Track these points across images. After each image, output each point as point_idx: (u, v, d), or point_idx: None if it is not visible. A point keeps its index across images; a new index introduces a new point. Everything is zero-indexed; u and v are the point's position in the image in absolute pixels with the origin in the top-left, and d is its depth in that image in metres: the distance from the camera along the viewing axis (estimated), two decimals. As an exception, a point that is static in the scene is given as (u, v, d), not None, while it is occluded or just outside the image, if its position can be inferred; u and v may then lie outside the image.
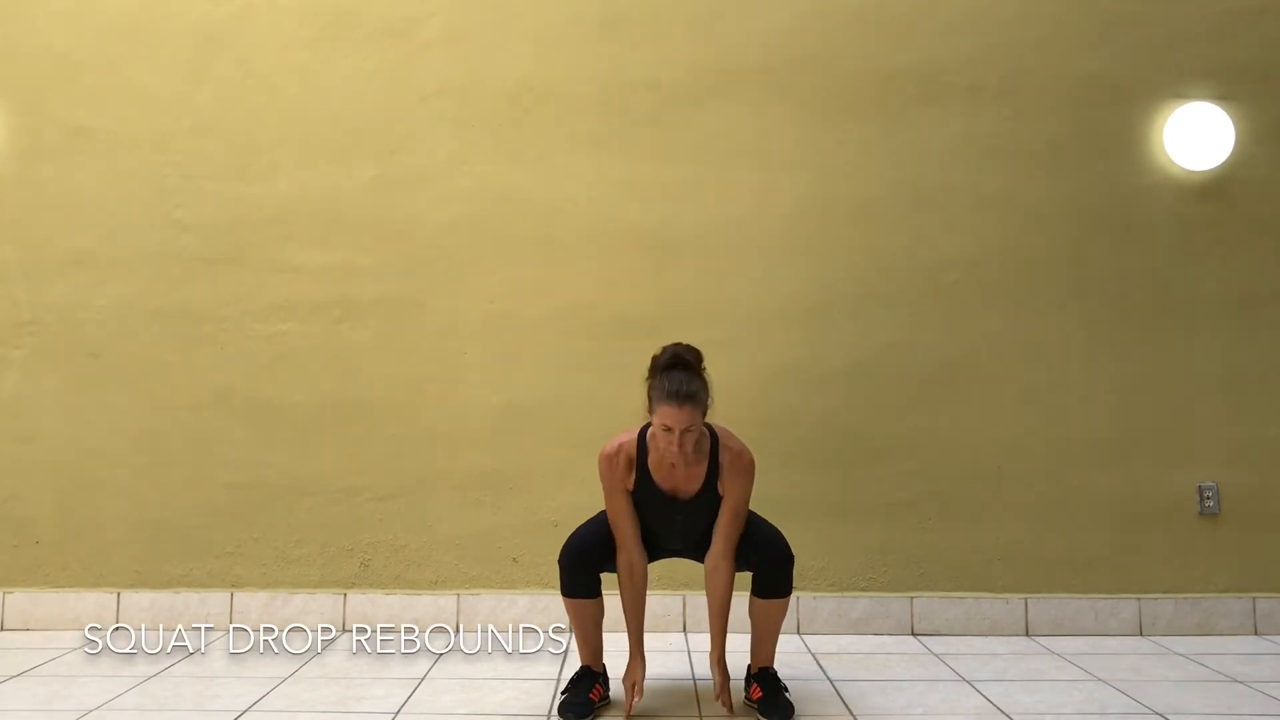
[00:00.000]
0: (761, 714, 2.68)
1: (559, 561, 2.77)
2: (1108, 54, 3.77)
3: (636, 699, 2.68)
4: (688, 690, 2.95)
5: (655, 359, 2.70)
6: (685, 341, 2.75)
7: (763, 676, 2.74)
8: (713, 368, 3.65)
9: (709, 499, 2.75)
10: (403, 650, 3.35)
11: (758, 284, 3.71)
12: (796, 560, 2.73)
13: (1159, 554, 3.65)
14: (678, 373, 2.62)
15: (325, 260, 3.73)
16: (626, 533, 2.74)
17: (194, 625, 3.60)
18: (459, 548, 3.66)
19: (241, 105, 3.77)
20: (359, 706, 2.77)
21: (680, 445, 2.58)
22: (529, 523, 3.65)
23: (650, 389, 2.65)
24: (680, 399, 2.56)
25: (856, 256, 3.73)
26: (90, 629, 3.31)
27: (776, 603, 2.74)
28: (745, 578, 2.82)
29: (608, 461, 2.75)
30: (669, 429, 2.57)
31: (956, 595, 3.64)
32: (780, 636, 2.81)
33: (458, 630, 3.61)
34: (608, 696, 2.76)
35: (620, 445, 2.75)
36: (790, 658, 3.28)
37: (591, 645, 2.77)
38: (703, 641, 3.49)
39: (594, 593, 2.76)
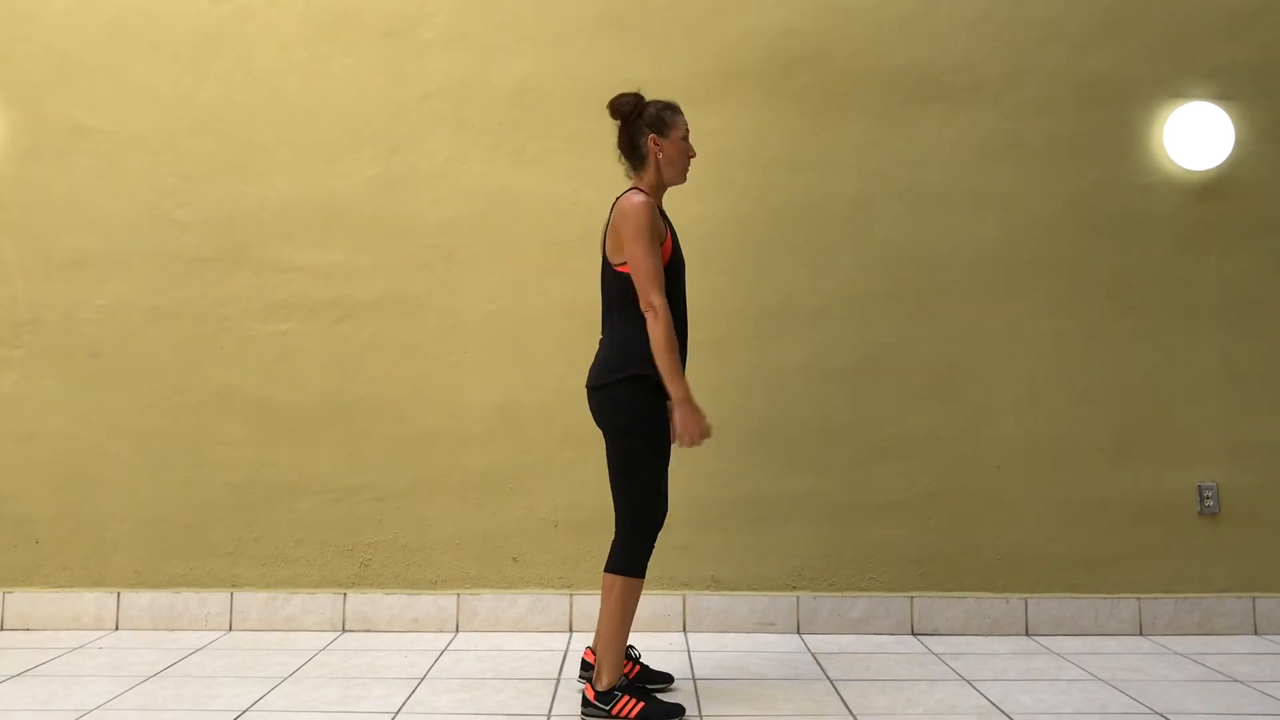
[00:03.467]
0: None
1: (639, 538, 2.66)
2: (1108, 54, 3.78)
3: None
4: (688, 690, 2.95)
5: (627, 104, 2.81)
6: None
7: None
8: (713, 367, 3.69)
9: None
10: (403, 650, 3.36)
11: (757, 284, 3.72)
12: (797, 559, 2.72)
13: (1159, 554, 3.65)
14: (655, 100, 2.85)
15: (325, 260, 3.73)
16: (655, 278, 2.66)
17: (194, 625, 3.62)
18: (459, 548, 3.66)
19: (241, 105, 3.77)
20: (359, 706, 2.77)
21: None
22: (529, 523, 3.65)
23: (656, 113, 2.80)
24: None
25: (856, 256, 3.73)
26: (90, 629, 3.31)
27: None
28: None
29: (650, 207, 2.67)
30: (686, 139, 2.83)
31: (956, 595, 3.64)
32: (780, 636, 2.80)
33: (458, 630, 3.61)
34: None
35: (646, 197, 2.71)
36: (790, 657, 3.29)
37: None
38: (702, 642, 3.50)
39: None
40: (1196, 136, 3.69)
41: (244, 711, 2.72)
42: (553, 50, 3.77)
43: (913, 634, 3.61)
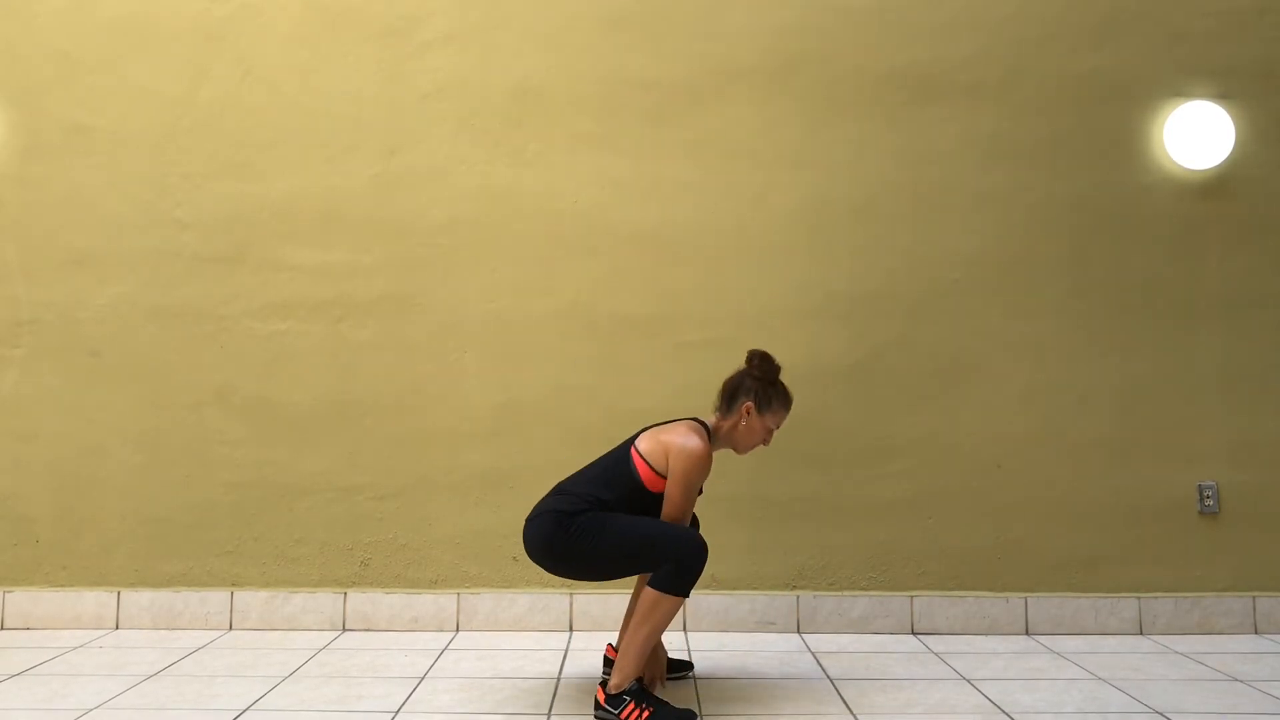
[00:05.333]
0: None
1: (699, 563, 2.65)
2: (1108, 53, 3.78)
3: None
4: (689, 689, 2.95)
5: (764, 362, 2.89)
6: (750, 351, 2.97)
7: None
8: (712, 368, 3.68)
9: None
10: (402, 650, 3.36)
11: (758, 284, 3.72)
12: (797, 559, 2.72)
13: (1159, 553, 3.65)
14: (783, 384, 2.93)
15: (325, 259, 3.73)
16: (684, 515, 2.78)
17: (194, 624, 3.61)
18: (459, 547, 3.66)
19: (241, 104, 3.77)
20: (359, 706, 2.77)
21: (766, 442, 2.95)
22: (529, 522, 3.65)
23: (771, 394, 2.88)
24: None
25: (856, 256, 3.73)
26: (90, 628, 3.31)
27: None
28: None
29: (708, 461, 2.76)
30: (772, 430, 2.92)
31: (956, 594, 3.64)
32: (780, 635, 2.81)
33: (458, 630, 3.61)
34: None
35: (708, 449, 2.78)
36: (790, 657, 3.29)
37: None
38: (702, 641, 3.50)
39: None
40: (1196, 136, 3.69)
41: (244, 711, 2.72)
42: (553, 50, 3.77)
43: (913, 633, 3.61)
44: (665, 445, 2.76)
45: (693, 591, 3.61)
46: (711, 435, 2.87)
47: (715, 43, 3.77)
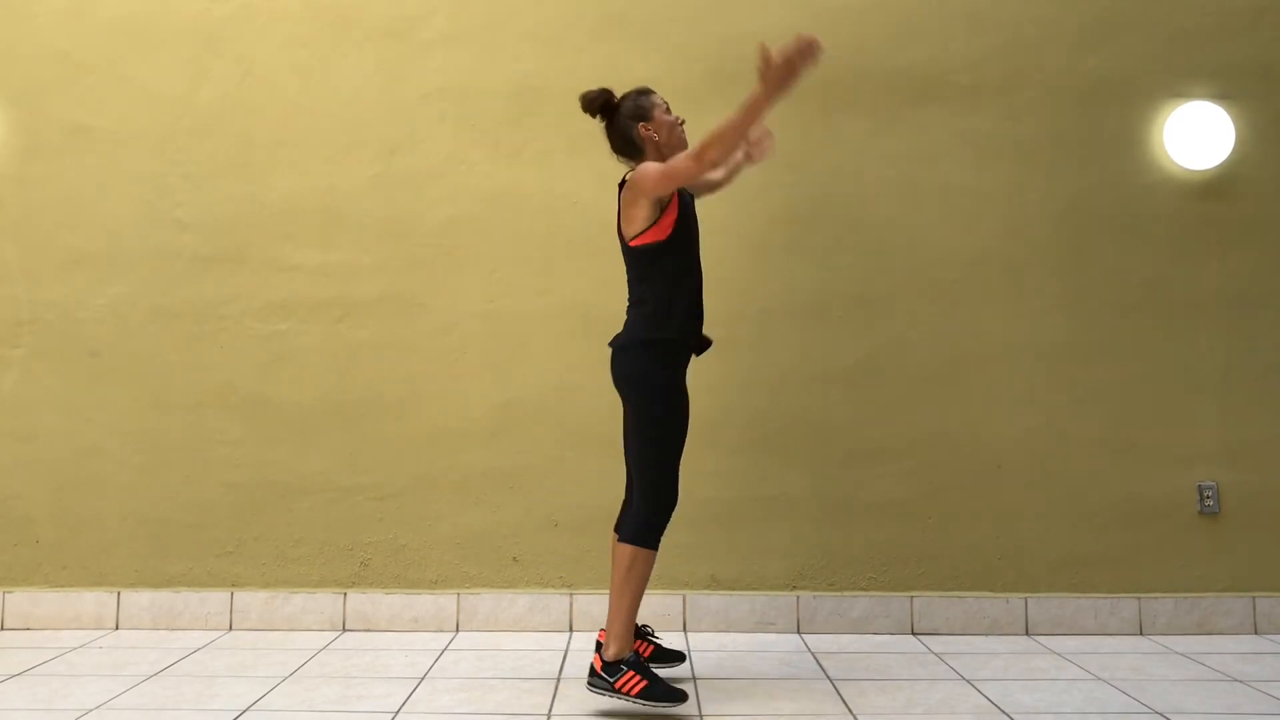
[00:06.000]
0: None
1: (665, 520, 2.74)
2: (1108, 53, 3.78)
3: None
4: (688, 688, 2.94)
5: (597, 99, 2.92)
6: None
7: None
8: (712, 367, 3.68)
9: None
10: (403, 650, 3.36)
11: (757, 284, 3.72)
12: (797, 559, 2.73)
13: (1159, 554, 3.65)
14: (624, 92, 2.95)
15: (325, 259, 3.73)
16: (681, 157, 2.73)
17: (194, 625, 3.62)
18: (459, 547, 3.66)
19: (241, 105, 3.77)
20: (359, 706, 2.77)
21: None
22: (529, 522, 3.65)
23: (634, 103, 2.90)
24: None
25: (855, 256, 3.73)
26: (90, 628, 3.31)
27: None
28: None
29: (658, 166, 2.75)
30: (673, 119, 2.93)
31: (956, 595, 3.64)
32: (780, 636, 2.81)
33: (458, 630, 3.61)
34: None
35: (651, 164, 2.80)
36: (790, 657, 3.29)
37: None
38: (702, 641, 3.50)
39: None
40: (1196, 136, 3.69)
41: (244, 711, 2.72)
42: (553, 50, 3.77)
43: (912, 633, 3.61)
44: (629, 212, 2.80)
45: (692, 592, 3.61)
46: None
47: (714, 43, 3.77)
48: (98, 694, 2.85)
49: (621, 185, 2.87)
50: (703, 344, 2.94)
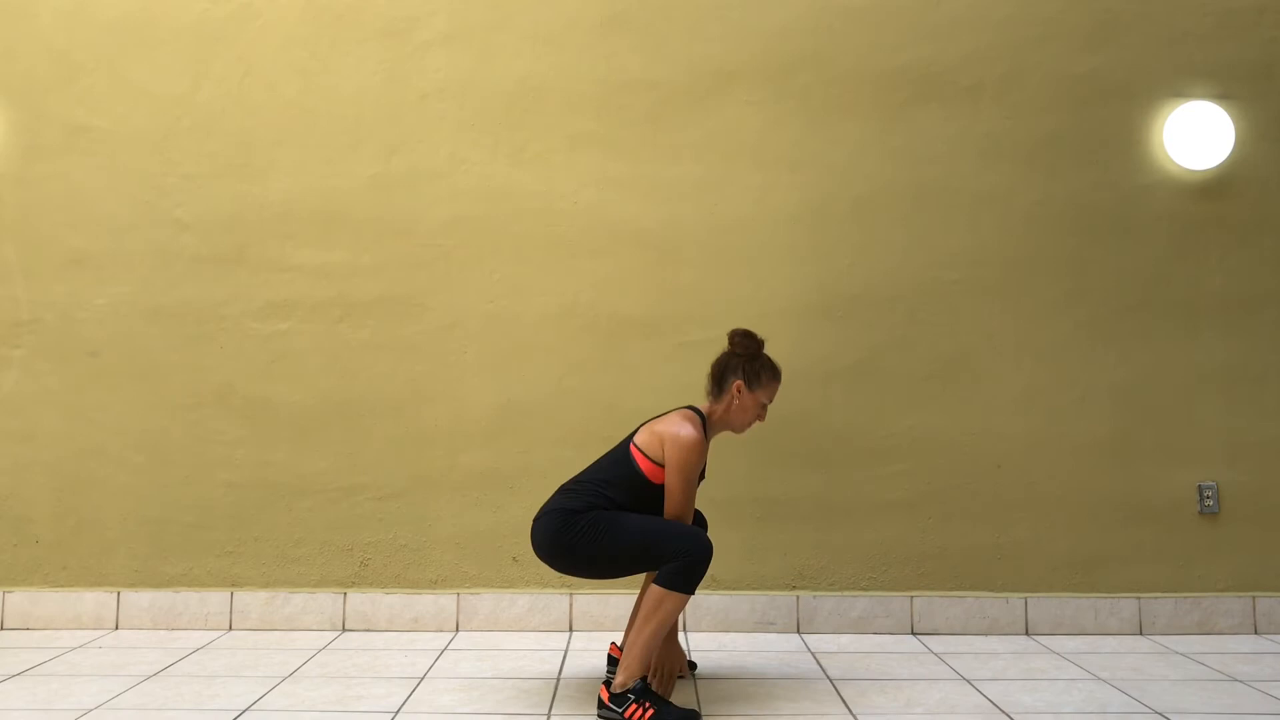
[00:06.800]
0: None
1: (704, 560, 2.66)
2: (1107, 53, 3.78)
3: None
4: (688, 689, 2.95)
5: (746, 338, 2.91)
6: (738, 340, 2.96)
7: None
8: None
9: None
10: (403, 650, 3.36)
11: (758, 284, 3.72)
12: (797, 559, 2.73)
13: (1159, 554, 3.65)
14: (768, 356, 2.94)
15: (325, 260, 3.73)
16: (687, 511, 2.79)
17: (194, 625, 3.62)
18: (459, 547, 3.66)
19: (241, 105, 3.77)
20: (359, 706, 2.77)
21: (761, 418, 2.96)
22: (529, 522, 3.65)
23: (758, 368, 2.89)
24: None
25: (856, 256, 3.73)
26: (90, 628, 3.31)
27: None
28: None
29: (702, 447, 2.78)
30: (765, 405, 2.93)
31: (956, 594, 3.64)
32: (780, 635, 2.81)
33: (457, 630, 3.61)
34: None
35: (701, 435, 2.79)
36: (790, 657, 3.29)
37: None
38: (703, 641, 3.50)
39: None
40: (1196, 136, 3.69)
41: (244, 711, 2.72)
42: (553, 50, 3.78)
43: (912, 633, 3.61)
44: (660, 436, 2.78)
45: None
46: (706, 420, 2.89)
47: (715, 43, 3.77)
48: (98, 694, 2.85)
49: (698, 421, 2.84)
50: None
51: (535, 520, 2.79)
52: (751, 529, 3.65)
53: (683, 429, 2.77)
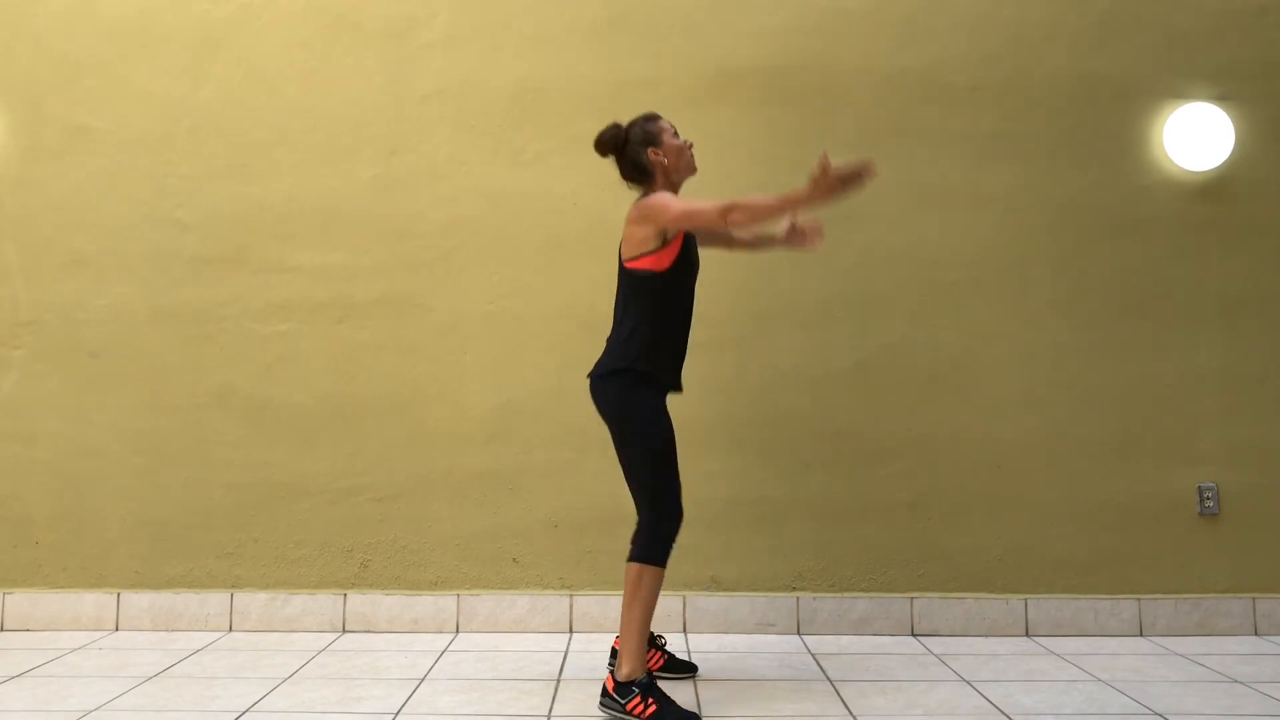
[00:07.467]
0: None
1: (672, 533, 2.73)
2: (1107, 54, 3.78)
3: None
4: (688, 689, 2.95)
5: (612, 138, 2.91)
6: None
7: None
8: (712, 368, 3.69)
9: None
10: (403, 651, 3.36)
11: (757, 284, 3.72)
12: (797, 559, 2.73)
13: (1159, 554, 3.65)
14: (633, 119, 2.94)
15: (325, 260, 3.73)
16: (708, 204, 2.72)
17: (194, 626, 3.62)
18: (459, 548, 3.66)
19: (241, 105, 3.77)
20: (359, 706, 2.77)
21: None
22: (529, 523, 3.65)
23: (645, 131, 2.89)
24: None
25: (856, 256, 3.73)
26: (90, 629, 3.31)
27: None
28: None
29: (665, 194, 2.81)
30: (680, 138, 2.92)
31: (956, 595, 3.64)
32: (780, 636, 2.81)
33: (457, 631, 3.61)
34: None
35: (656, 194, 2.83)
36: (790, 658, 3.29)
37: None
38: (702, 642, 3.50)
39: None
40: (1196, 136, 3.69)
41: (244, 712, 2.72)
42: (553, 50, 3.78)
43: (913, 634, 3.61)
44: (631, 232, 2.81)
45: (692, 593, 3.61)
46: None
47: (715, 43, 3.77)
48: (98, 695, 2.85)
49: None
50: (674, 387, 2.92)
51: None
52: (751, 530, 3.65)
53: (634, 209, 2.80)
